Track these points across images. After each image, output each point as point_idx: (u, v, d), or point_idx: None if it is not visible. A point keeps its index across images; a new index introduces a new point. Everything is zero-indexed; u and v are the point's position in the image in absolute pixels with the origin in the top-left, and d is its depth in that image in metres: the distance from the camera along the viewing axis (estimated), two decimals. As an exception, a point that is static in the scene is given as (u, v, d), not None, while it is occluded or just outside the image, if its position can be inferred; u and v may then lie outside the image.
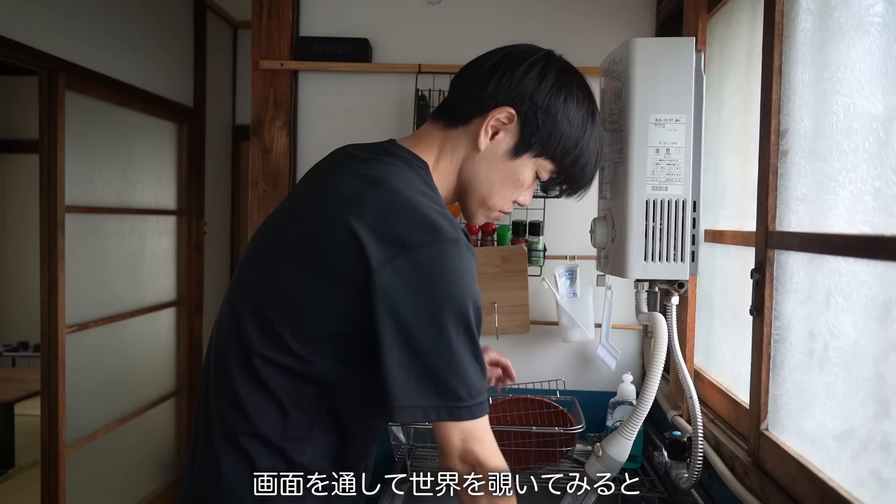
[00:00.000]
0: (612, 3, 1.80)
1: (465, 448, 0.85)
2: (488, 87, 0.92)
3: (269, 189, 1.84)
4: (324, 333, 0.86)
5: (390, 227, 0.83)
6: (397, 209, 0.85)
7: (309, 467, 0.90)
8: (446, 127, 0.96)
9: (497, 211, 0.99)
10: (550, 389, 1.69)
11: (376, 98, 1.83)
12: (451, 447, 0.85)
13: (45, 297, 2.45)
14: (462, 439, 0.85)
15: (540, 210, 1.78)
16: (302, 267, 0.86)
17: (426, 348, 0.82)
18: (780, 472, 1.03)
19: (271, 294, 0.89)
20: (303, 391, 0.88)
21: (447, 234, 0.83)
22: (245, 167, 3.65)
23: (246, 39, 3.76)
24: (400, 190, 0.87)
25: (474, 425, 0.85)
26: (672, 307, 1.15)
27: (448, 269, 0.82)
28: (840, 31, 0.95)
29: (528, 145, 0.93)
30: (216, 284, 3.66)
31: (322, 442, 0.91)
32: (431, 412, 0.84)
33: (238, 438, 0.88)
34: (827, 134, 0.98)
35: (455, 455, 0.86)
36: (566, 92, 0.92)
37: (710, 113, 1.48)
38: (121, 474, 2.93)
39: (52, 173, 2.43)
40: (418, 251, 0.81)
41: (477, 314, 0.86)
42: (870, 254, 0.84)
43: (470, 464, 0.85)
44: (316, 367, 0.87)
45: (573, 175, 0.97)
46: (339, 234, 0.83)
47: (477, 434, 0.85)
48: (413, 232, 0.83)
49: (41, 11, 2.32)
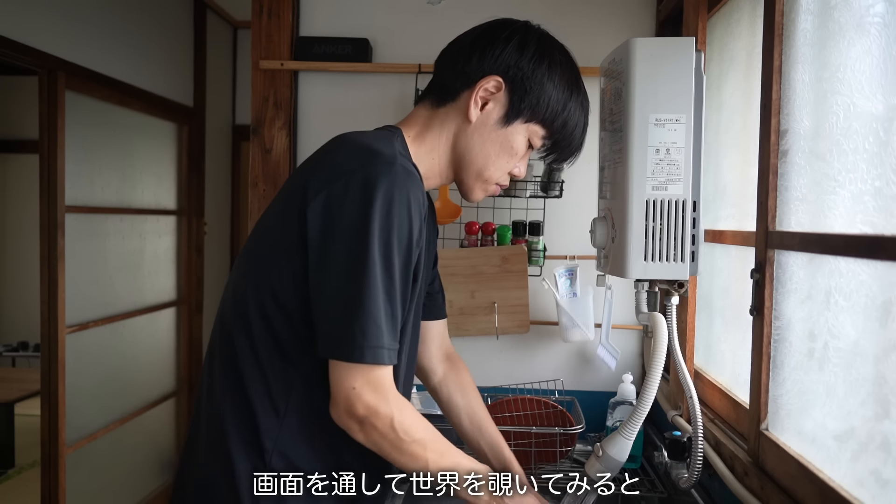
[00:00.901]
0: (612, 3, 1.80)
1: (355, 395, 0.79)
2: (472, 60, 0.94)
3: (269, 189, 1.84)
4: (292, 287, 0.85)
5: (329, 161, 0.86)
6: (342, 146, 0.88)
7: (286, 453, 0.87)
8: (434, 105, 0.98)
9: (494, 184, 1.01)
10: (549, 389, 1.69)
11: (376, 98, 1.83)
12: (339, 394, 0.80)
13: (45, 297, 2.45)
14: (353, 386, 0.80)
15: (540, 210, 1.78)
16: (272, 234, 0.88)
17: (344, 277, 0.79)
18: (780, 472, 1.03)
19: (252, 272, 0.89)
20: (278, 370, 0.86)
21: (384, 157, 0.82)
22: (245, 167, 3.66)
23: (246, 39, 3.76)
24: (351, 136, 0.89)
25: (375, 373, 0.80)
26: (672, 307, 1.15)
27: (377, 191, 0.79)
28: (840, 31, 0.95)
29: (518, 111, 0.95)
30: (216, 284, 3.66)
31: (298, 421, 0.88)
32: (336, 347, 0.79)
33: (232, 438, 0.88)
34: (827, 134, 0.97)
35: (342, 405, 0.81)
36: (549, 58, 0.95)
37: (710, 113, 1.48)
38: (121, 474, 2.93)
39: (52, 173, 2.43)
40: (349, 175, 0.81)
41: (405, 247, 0.82)
42: (870, 254, 0.84)
43: (358, 415, 0.80)
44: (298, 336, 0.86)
45: (563, 139, 0.99)
46: (294, 186, 0.87)
47: (376, 384, 0.80)
48: (348, 160, 0.83)
49: (41, 11, 2.32)
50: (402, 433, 0.83)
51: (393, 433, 0.82)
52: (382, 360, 0.80)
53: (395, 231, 0.80)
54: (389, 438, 0.83)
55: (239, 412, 0.88)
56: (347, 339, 0.79)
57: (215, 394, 0.91)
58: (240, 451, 0.87)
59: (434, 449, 0.86)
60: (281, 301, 0.85)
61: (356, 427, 0.82)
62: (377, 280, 0.79)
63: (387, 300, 0.80)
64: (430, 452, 0.85)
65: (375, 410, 0.81)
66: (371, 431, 0.82)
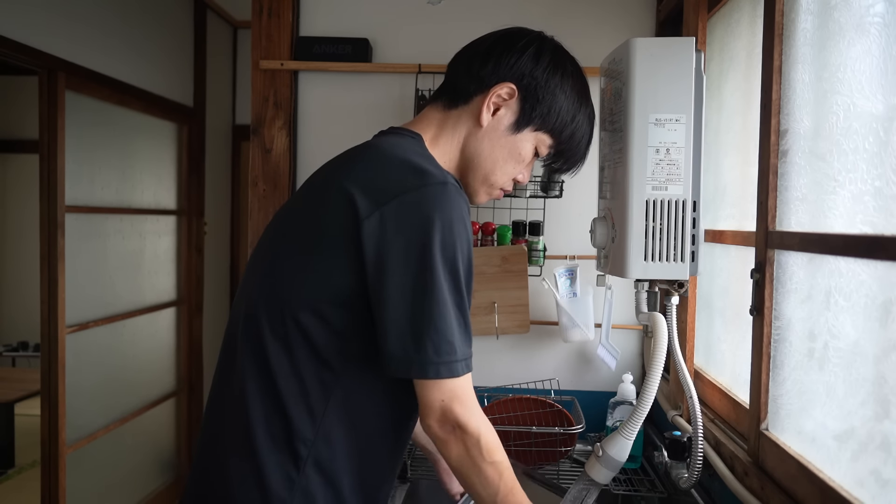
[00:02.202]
0: (612, 4, 1.80)
1: (444, 408, 0.82)
2: (488, 65, 0.96)
3: (269, 189, 1.84)
4: (333, 300, 0.84)
5: (377, 177, 0.85)
6: (384, 161, 0.87)
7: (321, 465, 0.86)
8: (446, 108, 0.99)
9: (498, 189, 1.02)
10: (549, 389, 1.69)
11: (376, 98, 1.83)
12: (431, 407, 0.82)
13: (45, 297, 2.45)
14: (442, 399, 0.82)
15: (540, 210, 1.78)
16: (307, 242, 0.86)
17: (411, 297, 0.80)
18: (780, 472, 1.03)
19: (283, 278, 0.87)
20: (315, 378, 0.85)
21: (435, 177, 0.83)
22: (245, 167, 3.66)
23: (246, 39, 3.76)
24: (388, 148, 0.90)
25: (455, 384, 0.82)
26: (672, 307, 1.15)
27: (435, 212, 0.80)
28: (840, 31, 0.95)
29: (528, 119, 0.96)
30: (216, 284, 3.66)
31: (332, 435, 0.86)
32: (413, 367, 0.81)
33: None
34: (827, 134, 0.98)
35: (434, 416, 0.82)
36: (561, 68, 0.97)
37: (710, 113, 1.48)
38: (121, 474, 2.93)
39: (52, 173, 2.43)
40: (403, 195, 0.81)
41: (466, 263, 0.84)
42: (870, 254, 0.84)
43: (450, 425, 0.83)
44: (329, 342, 0.85)
45: (569, 149, 1.01)
46: (332, 196, 0.85)
47: (458, 394, 0.82)
48: (399, 178, 0.84)
49: (41, 11, 2.32)
50: (485, 452, 0.84)
51: (477, 450, 0.84)
52: (458, 372, 0.82)
53: (458, 246, 0.82)
54: (472, 454, 0.84)
55: (271, 419, 0.86)
56: (422, 358, 0.80)
57: (240, 400, 0.88)
58: (271, 459, 0.85)
59: (507, 478, 0.86)
60: (325, 316, 0.85)
61: (451, 438, 0.84)
62: (445, 296, 0.80)
63: (458, 314, 0.82)
64: (503, 481, 0.86)
65: (466, 424, 0.83)
66: (458, 444, 0.84)
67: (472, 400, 0.84)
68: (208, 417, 0.96)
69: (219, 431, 0.92)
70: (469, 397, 0.84)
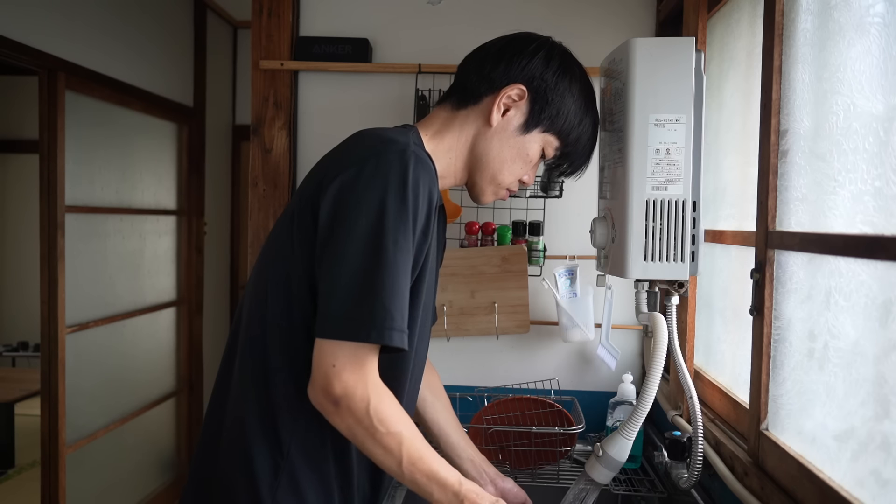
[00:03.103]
0: (612, 3, 1.80)
1: (333, 374, 0.78)
2: (499, 67, 0.98)
3: (269, 189, 1.84)
4: (310, 273, 0.85)
5: (346, 151, 0.87)
6: (359, 139, 0.89)
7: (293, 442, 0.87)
8: (455, 108, 1.01)
9: (504, 189, 1.04)
10: (549, 389, 1.69)
11: (376, 98, 1.83)
12: (317, 370, 0.79)
13: (45, 297, 2.45)
14: (333, 364, 0.78)
15: (540, 210, 1.78)
16: (299, 223, 0.87)
17: (350, 257, 0.78)
18: (780, 472, 1.03)
19: (281, 282, 0.89)
20: (303, 360, 0.85)
21: (397, 144, 0.84)
22: (245, 167, 3.66)
23: (246, 39, 3.76)
24: (369, 130, 0.92)
25: (358, 349, 0.78)
26: (672, 307, 1.15)
27: (389, 173, 0.80)
28: (840, 31, 0.95)
29: (537, 121, 0.99)
30: (216, 284, 3.66)
31: (314, 420, 0.87)
32: (330, 326, 0.78)
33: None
34: (827, 134, 0.98)
35: (318, 382, 0.79)
36: (570, 72, 1.00)
37: (710, 113, 1.48)
38: (121, 474, 2.93)
39: (52, 173, 2.43)
40: (364, 161, 0.83)
41: (420, 229, 0.82)
42: (870, 254, 0.84)
43: (334, 395, 0.78)
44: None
45: (575, 151, 1.04)
46: (313, 177, 0.88)
47: (360, 363, 0.79)
48: (361, 149, 0.85)
49: (41, 11, 2.32)
50: (377, 421, 0.80)
51: (368, 419, 0.79)
52: (392, 340, 0.78)
53: (410, 212, 0.80)
54: (364, 424, 0.80)
55: (262, 415, 0.87)
56: (356, 319, 0.77)
57: (238, 399, 0.90)
58: (261, 449, 0.87)
59: (410, 446, 0.82)
60: (305, 308, 0.86)
61: (332, 409, 0.80)
62: (389, 260, 0.78)
63: (400, 283, 0.80)
64: (405, 450, 0.81)
65: (353, 392, 0.78)
66: (346, 415, 0.80)
67: (372, 372, 0.81)
68: (209, 414, 0.97)
69: (216, 427, 0.94)
70: (368, 370, 0.80)
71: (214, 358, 3.64)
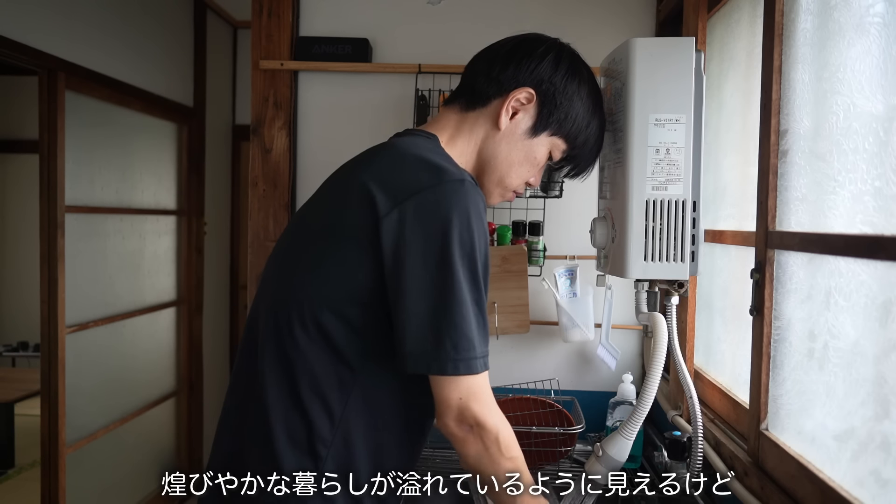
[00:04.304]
0: (612, 3, 1.80)
1: (462, 406, 0.82)
2: (508, 70, 0.97)
3: (269, 189, 1.84)
4: (352, 298, 0.85)
5: (396, 175, 0.86)
6: (402, 159, 0.89)
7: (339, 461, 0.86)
8: (463, 110, 1.00)
9: (511, 191, 1.04)
10: (549, 389, 1.69)
11: (376, 98, 1.83)
12: (448, 405, 0.83)
13: (45, 297, 2.45)
14: (459, 397, 0.82)
15: (540, 210, 1.78)
16: (326, 241, 0.87)
17: (429, 294, 0.80)
18: (780, 472, 1.03)
19: (303, 279, 0.88)
20: (334, 378, 0.86)
21: (452, 174, 0.84)
22: (245, 167, 3.65)
23: (246, 39, 3.75)
24: (405, 147, 0.91)
25: (473, 381, 0.83)
26: (672, 307, 1.15)
27: (453, 209, 0.81)
28: (840, 31, 0.95)
29: (546, 124, 0.98)
30: (216, 284, 3.66)
31: (351, 435, 0.87)
32: (431, 363, 0.81)
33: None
34: (827, 134, 0.98)
35: (452, 414, 0.83)
36: (578, 76, 0.99)
37: (710, 113, 1.48)
38: (121, 474, 2.93)
39: (52, 173, 2.43)
40: (421, 193, 0.82)
41: (484, 260, 0.85)
42: (870, 254, 0.84)
43: (468, 424, 0.83)
44: (346, 342, 0.85)
45: (582, 154, 1.03)
46: (352, 194, 0.86)
47: (476, 391, 0.83)
48: (416, 176, 0.85)
49: (41, 11, 2.32)
50: (504, 448, 0.85)
51: (495, 447, 0.85)
52: (476, 369, 0.83)
53: (476, 243, 0.83)
54: (491, 452, 0.85)
55: (291, 420, 0.86)
56: (441, 355, 0.81)
57: (260, 400, 0.88)
58: (291, 459, 0.86)
59: (526, 475, 0.87)
60: (344, 314, 0.85)
61: (469, 437, 0.84)
62: (464, 293, 0.81)
63: (477, 311, 0.83)
64: (523, 475, 0.87)
65: (484, 422, 0.83)
66: (476, 443, 0.85)
67: (490, 397, 0.85)
68: (226, 419, 0.96)
69: (239, 433, 0.92)
70: (486, 394, 0.85)
71: (214, 358, 3.64)
